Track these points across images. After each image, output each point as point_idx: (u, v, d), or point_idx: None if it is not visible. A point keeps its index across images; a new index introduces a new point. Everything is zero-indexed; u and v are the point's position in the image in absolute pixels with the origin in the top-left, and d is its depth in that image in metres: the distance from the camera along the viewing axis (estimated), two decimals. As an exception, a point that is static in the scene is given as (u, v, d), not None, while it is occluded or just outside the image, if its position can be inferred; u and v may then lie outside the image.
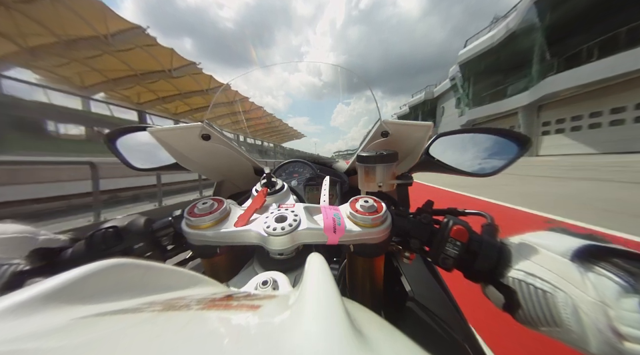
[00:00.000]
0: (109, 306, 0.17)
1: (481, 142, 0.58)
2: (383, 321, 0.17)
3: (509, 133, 0.52)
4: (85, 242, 0.37)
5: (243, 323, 0.14)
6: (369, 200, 0.37)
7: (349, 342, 0.11)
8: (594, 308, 0.23)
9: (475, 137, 0.58)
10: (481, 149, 0.57)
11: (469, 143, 0.59)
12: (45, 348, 0.11)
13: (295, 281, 0.35)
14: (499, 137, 0.54)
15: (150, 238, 0.40)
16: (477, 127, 0.58)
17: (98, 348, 0.12)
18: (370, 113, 0.77)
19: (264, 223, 0.35)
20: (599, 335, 0.23)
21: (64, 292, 0.16)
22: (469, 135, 0.58)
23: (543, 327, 0.28)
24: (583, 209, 3.75)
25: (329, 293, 0.15)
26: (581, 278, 0.25)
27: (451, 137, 0.59)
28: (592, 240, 0.28)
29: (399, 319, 0.45)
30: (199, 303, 0.18)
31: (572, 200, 4.45)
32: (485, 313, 1.19)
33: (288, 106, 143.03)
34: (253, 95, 23.57)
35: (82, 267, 0.18)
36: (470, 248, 0.35)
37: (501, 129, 0.52)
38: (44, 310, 0.14)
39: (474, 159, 0.57)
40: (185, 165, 0.58)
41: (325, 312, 0.13)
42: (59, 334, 0.13)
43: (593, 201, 4.25)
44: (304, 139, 16.18)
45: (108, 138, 0.58)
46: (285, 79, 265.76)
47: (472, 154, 0.58)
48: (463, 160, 0.56)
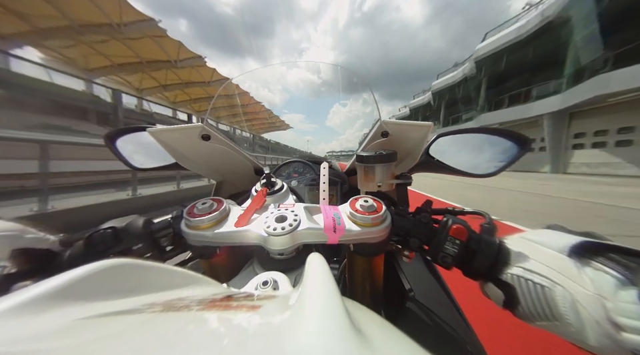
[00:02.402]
0: (109, 307, 0.17)
1: (481, 142, 0.58)
2: (383, 321, 0.17)
3: (509, 134, 0.52)
4: (83, 243, 0.37)
5: (243, 323, 0.14)
6: (368, 200, 0.38)
7: (349, 342, 0.11)
8: (592, 301, 0.24)
9: (475, 137, 0.58)
10: (481, 149, 0.57)
11: (469, 143, 0.59)
12: (45, 349, 0.11)
13: (295, 281, 0.35)
14: (499, 137, 0.54)
15: (149, 239, 0.40)
16: (477, 127, 0.58)
17: (98, 349, 0.12)
18: (366, 116, 0.78)
19: (264, 223, 0.34)
20: (597, 328, 0.23)
21: (64, 293, 0.16)
22: (469, 135, 0.58)
23: (542, 322, 0.28)
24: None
25: (329, 293, 0.15)
26: (578, 273, 0.26)
27: (451, 137, 0.58)
28: (588, 237, 0.29)
29: (398, 318, 0.45)
30: (199, 303, 0.18)
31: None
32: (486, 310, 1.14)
33: (284, 101, 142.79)
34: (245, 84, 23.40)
35: (82, 268, 0.18)
36: (469, 247, 0.35)
37: (501, 129, 0.53)
38: (44, 311, 0.14)
39: (474, 159, 0.57)
40: (185, 165, 0.58)
41: (325, 312, 0.13)
42: (59, 335, 0.13)
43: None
44: (291, 132, 15.80)
45: (108, 138, 0.58)
46: (282, 73, 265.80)
47: (472, 154, 0.58)
48: (463, 160, 0.56)
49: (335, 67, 0.96)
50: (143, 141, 0.58)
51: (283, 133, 45.67)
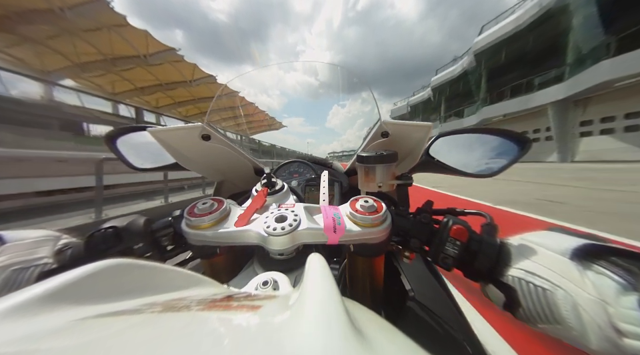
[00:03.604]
0: (108, 307, 0.17)
1: (482, 143, 0.57)
2: (383, 321, 0.17)
3: (509, 134, 0.52)
4: (84, 242, 0.37)
5: (243, 323, 0.14)
6: (368, 200, 0.37)
7: (349, 342, 0.11)
8: (594, 305, 0.24)
9: (475, 137, 0.58)
10: (481, 149, 0.57)
11: (470, 143, 0.59)
12: (45, 349, 0.11)
13: (295, 282, 0.35)
14: (500, 137, 0.53)
15: (150, 238, 0.40)
16: (477, 127, 0.58)
17: (97, 350, 0.12)
18: (366, 115, 0.77)
19: (264, 223, 0.34)
20: (599, 332, 0.23)
21: (63, 293, 0.16)
22: (470, 136, 0.58)
23: (543, 325, 0.28)
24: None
25: (329, 293, 0.15)
26: (580, 276, 0.26)
27: (451, 138, 0.58)
28: (591, 240, 0.28)
29: (399, 319, 0.45)
30: (199, 304, 0.18)
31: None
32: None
33: (283, 105, 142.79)
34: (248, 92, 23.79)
35: (81, 268, 0.18)
36: (470, 248, 0.35)
37: (502, 130, 0.52)
38: (43, 311, 0.14)
39: (474, 159, 0.57)
40: (185, 165, 0.58)
41: (326, 312, 0.13)
42: (58, 336, 0.12)
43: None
44: (292, 135, 15.73)
45: (108, 137, 0.58)
46: (279, 76, 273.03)
47: (472, 155, 0.57)
48: (463, 160, 0.56)
49: (333, 67, 0.95)
50: (143, 141, 0.58)
51: (282, 135, 45.76)
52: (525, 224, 3.31)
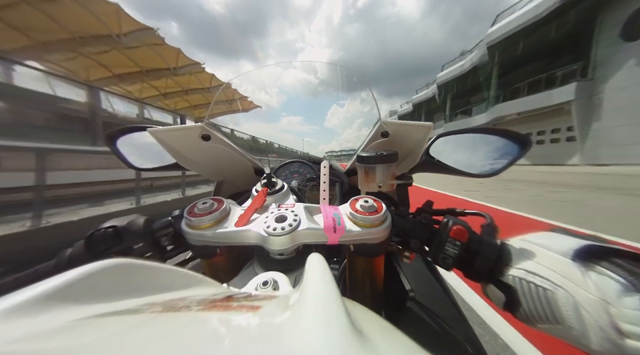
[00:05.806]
0: (108, 307, 0.17)
1: (482, 142, 0.57)
2: (383, 321, 0.17)
3: (509, 134, 0.52)
4: (84, 242, 0.37)
5: (243, 324, 0.14)
6: (369, 200, 0.37)
7: (349, 342, 0.11)
8: (595, 306, 0.24)
9: (475, 137, 0.57)
10: (481, 149, 0.56)
11: (470, 143, 0.58)
12: (45, 349, 0.11)
13: (295, 282, 0.35)
14: (500, 137, 0.53)
15: (150, 238, 0.40)
16: (477, 127, 0.57)
17: (97, 350, 0.11)
18: (364, 115, 0.58)
19: (264, 223, 0.34)
20: (600, 333, 0.23)
21: (63, 293, 0.16)
22: (470, 136, 0.57)
23: (543, 325, 0.28)
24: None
25: (329, 293, 0.15)
26: (582, 277, 0.26)
27: (451, 138, 0.58)
28: (593, 241, 0.28)
29: (399, 319, 0.45)
30: (199, 304, 0.18)
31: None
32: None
33: (282, 103, 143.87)
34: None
35: (81, 268, 0.18)
36: (470, 248, 0.35)
37: (502, 130, 0.52)
38: (43, 311, 0.14)
39: (475, 159, 0.57)
40: (185, 165, 0.58)
41: (326, 312, 0.13)
42: (57, 336, 0.12)
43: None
44: (291, 135, 14.35)
45: (108, 137, 0.58)
46: (279, 74, 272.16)
47: (473, 154, 0.57)
48: (464, 160, 0.56)
49: (333, 66, 0.93)
50: (143, 141, 0.58)
51: (288, 135, 44.18)
52: (524, 224, 3.31)
